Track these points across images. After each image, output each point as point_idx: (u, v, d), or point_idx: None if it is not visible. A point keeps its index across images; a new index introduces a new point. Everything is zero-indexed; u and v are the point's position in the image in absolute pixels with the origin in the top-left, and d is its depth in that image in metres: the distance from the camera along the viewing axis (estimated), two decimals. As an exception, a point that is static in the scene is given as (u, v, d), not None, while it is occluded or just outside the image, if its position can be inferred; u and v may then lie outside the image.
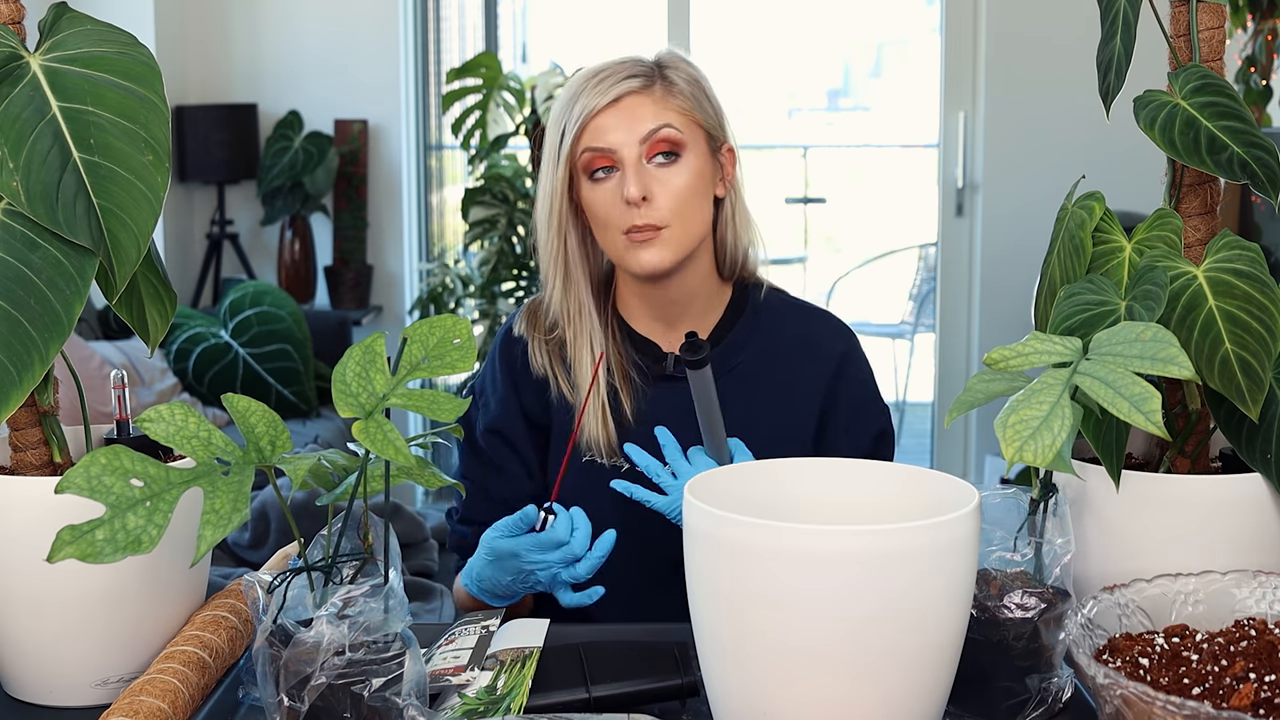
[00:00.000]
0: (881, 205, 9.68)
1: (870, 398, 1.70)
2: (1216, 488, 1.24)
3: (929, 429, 5.50)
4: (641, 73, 1.60)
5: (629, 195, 1.55)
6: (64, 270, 1.17)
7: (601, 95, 1.59)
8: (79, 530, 0.99)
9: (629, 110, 1.59)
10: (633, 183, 1.56)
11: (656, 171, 1.58)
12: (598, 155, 1.59)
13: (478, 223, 4.30)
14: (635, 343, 1.68)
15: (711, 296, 1.69)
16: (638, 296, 1.67)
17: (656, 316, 1.68)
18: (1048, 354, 1.12)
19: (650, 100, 1.59)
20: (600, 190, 1.59)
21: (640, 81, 1.60)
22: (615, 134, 1.58)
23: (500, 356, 1.72)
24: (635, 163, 1.57)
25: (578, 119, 1.59)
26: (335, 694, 1.08)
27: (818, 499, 1.23)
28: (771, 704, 1.06)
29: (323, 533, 1.15)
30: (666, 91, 1.60)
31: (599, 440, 1.64)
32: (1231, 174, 1.23)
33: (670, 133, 1.58)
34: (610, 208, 1.58)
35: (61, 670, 1.27)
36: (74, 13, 1.25)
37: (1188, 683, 1.03)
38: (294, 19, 4.85)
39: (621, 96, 1.59)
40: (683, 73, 1.62)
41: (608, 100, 1.58)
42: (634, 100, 1.59)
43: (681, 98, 1.60)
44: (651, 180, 1.57)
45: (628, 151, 1.57)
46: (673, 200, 1.58)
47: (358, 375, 1.10)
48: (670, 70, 1.62)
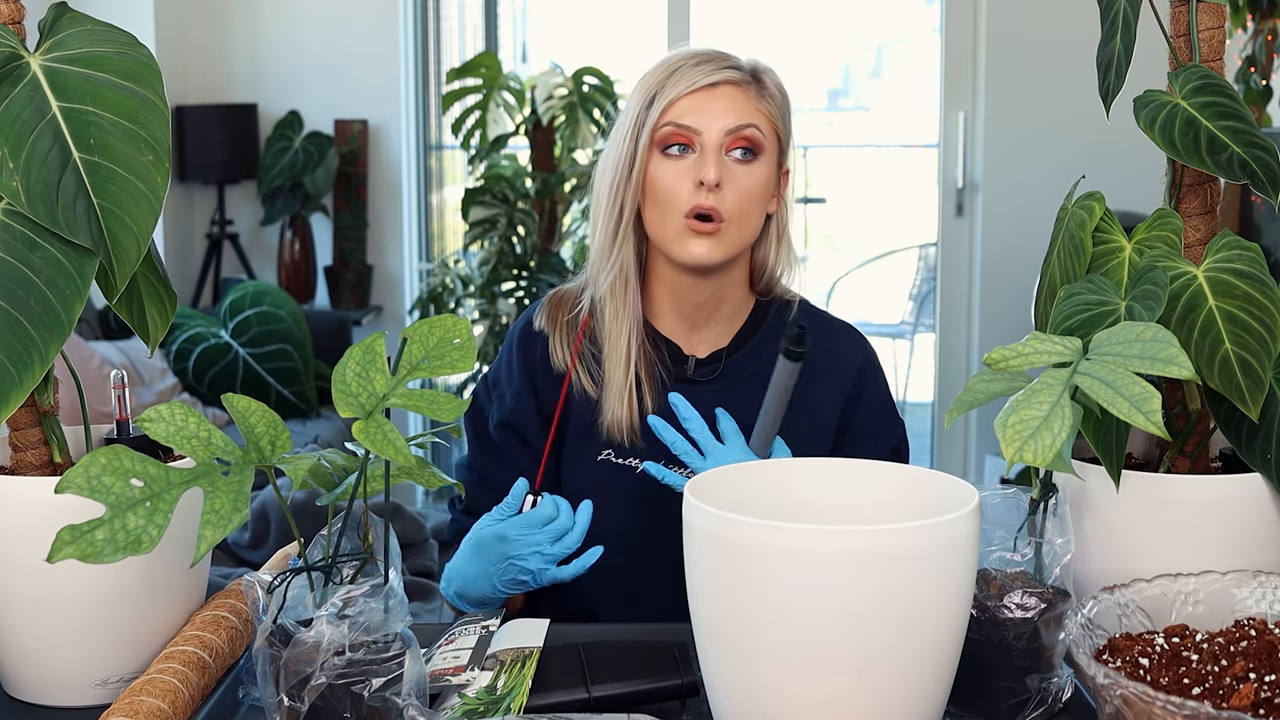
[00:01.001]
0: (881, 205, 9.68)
1: (887, 411, 1.72)
2: (1216, 488, 1.24)
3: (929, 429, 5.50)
4: (740, 68, 1.62)
5: (707, 177, 1.56)
6: (64, 270, 1.17)
7: (703, 76, 1.60)
8: (79, 530, 0.99)
9: (724, 98, 1.60)
10: (711, 166, 1.56)
11: (732, 165, 1.59)
12: (679, 131, 1.59)
13: (478, 223, 4.30)
14: (658, 342, 1.68)
15: (739, 305, 1.70)
16: (669, 294, 1.67)
17: (682, 317, 1.68)
18: (1048, 354, 1.12)
19: (746, 96, 1.61)
20: (671, 167, 1.59)
21: (739, 75, 1.61)
22: (704, 116, 1.59)
23: (518, 349, 1.71)
24: (715, 150, 1.58)
25: (671, 92, 1.60)
26: (335, 694, 1.08)
27: (818, 499, 1.23)
28: (771, 704, 1.06)
29: (323, 533, 1.15)
30: (760, 94, 1.62)
31: (623, 421, 1.63)
32: (1231, 174, 1.23)
33: (755, 133, 1.60)
34: (677, 186, 1.58)
35: (61, 670, 1.27)
36: (74, 13, 1.25)
37: (1188, 683, 1.03)
38: (294, 19, 4.85)
39: (721, 83, 1.60)
40: (775, 82, 1.65)
41: (708, 82, 1.60)
42: (732, 91, 1.60)
43: (772, 104, 1.62)
44: (726, 171, 1.58)
45: (711, 137, 1.58)
46: (740, 197, 1.59)
47: (358, 375, 1.10)
48: (766, 77, 1.64)
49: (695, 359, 1.68)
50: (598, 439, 1.66)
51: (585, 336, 1.69)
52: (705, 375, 1.67)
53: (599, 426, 1.65)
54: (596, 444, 1.66)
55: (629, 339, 1.64)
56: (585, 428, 1.67)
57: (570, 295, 1.72)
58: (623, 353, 1.64)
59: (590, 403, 1.67)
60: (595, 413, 1.66)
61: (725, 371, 1.66)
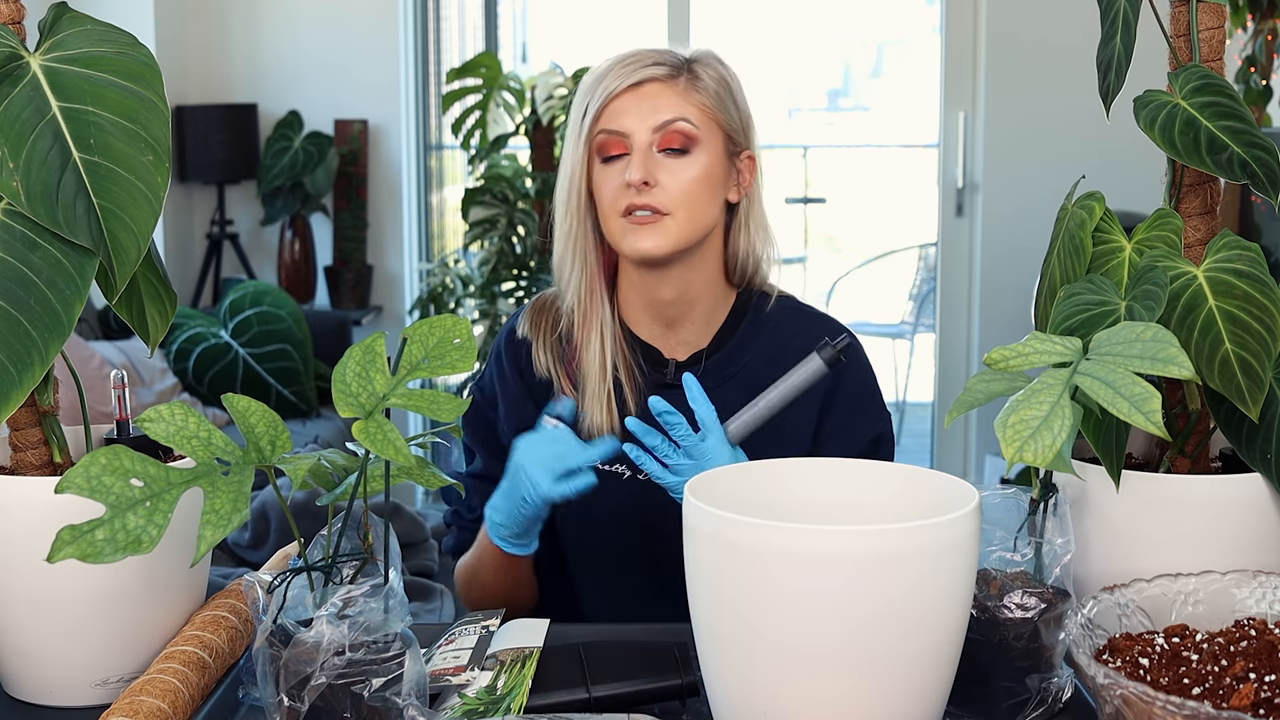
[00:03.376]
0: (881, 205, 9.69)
1: (866, 400, 1.68)
2: (1216, 488, 1.24)
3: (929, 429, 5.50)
4: (669, 62, 1.61)
5: (630, 178, 1.55)
6: (64, 270, 1.17)
7: (625, 78, 1.59)
8: (79, 530, 0.99)
9: (649, 97, 1.59)
10: (637, 167, 1.56)
11: (665, 160, 1.58)
12: (612, 138, 1.59)
13: (478, 223, 4.30)
14: (636, 347, 1.68)
15: (716, 301, 1.68)
16: (639, 295, 1.66)
17: (656, 318, 1.67)
18: (1048, 354, 1.12)
19: (672, 91, 1.59)
20: (608, 172, 1.59)
21: (666, 70, 1.60)
22: (630, 117, 1.58)
23: (506, 357, 1.71)
24: (645, 149, 1.57)
25: (599, 98, 1.60)
26: (335, 694, 1.08)
27: (818, 499, 1.23)
28: (771, 704, 1.06)
29: (323, 533, 1.15)
30: (690, 86, 1.60)
31: (603, 426, 1.63)
32: (1231, 174, 1.23)
33: (684, 126, 1.58)
34: (613, 189, 1.58)
35: (61, 670, 1.27)
36: (74, 13, 1.25)
37: (1188, 683, 1.03)
38: (294, 19, 4.85)
39: (644, 82, 1.59)
40: (713, 71, 1.62)
41: (630, 83, 1.59)
42: (655, 88, 1.59)
43: (704, 94, 1.60)
44: (659, 168, 1.57)
45: (640, 137, 1.58)
46: (678, 189, 1.57)
47: (358, 375, 1.10)
48: (699, 67, 1.62)
49: (675, 362, 1.67)
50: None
51: (564, 343, 1.68)
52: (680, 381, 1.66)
53: (581, 432, 1.65)
54: None
55: (602, 343, 1.64)
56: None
57: (551, 302, 1.71)
58: (596, 357, 1.64)
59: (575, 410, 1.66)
60: (577, 419, 1.66)
61: (705, 374, 1.63)
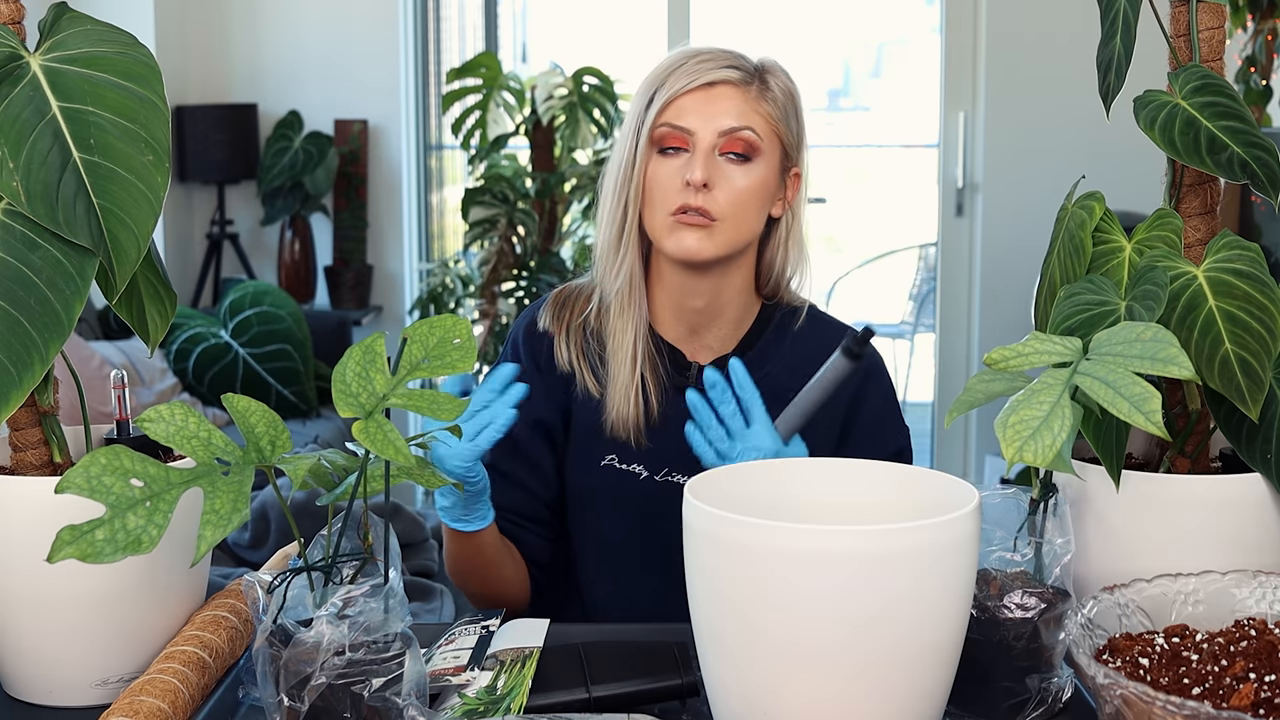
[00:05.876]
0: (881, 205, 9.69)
1: (889, 416, 1.69)
2: (1216, 488, 1.24)
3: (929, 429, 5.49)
4: (743, 67, 1.60)
5: (691, 177, 1.55)
6: (64, 270, 1.17)
7: (698, 75, 1.58)
8: (79, 530, 0.99)
9: (719, 99, 1.58)
10: (699, 167, 1.55)
11: (725, 165, 1.58)
12: (674, 133, 1.58)
13: (478, 223, 4.30)
14: (661, 349, 1.67)
15: (744, 310, 1.68)
16: (669, 297, 1.66)
17: (683, 321, 1.67)
18: (1048, 354, 1.12)
19: (743, 97, 1.59)
20: (664, 166, 1.59)
21: (739, 75, 1.59)
22: (697, 117, 1.58)
23: (524, 350, 1.69)
24: (707, 151, 1.57)
25: (669, 91, 1.59)
26: (335, 694, 1.08)
27: (818, 499, 1.23)
28: (771, 704, 1.06)
29: (323, 533, 1.15)
30: (761, 95, 1.60)
31: (628, 420, 1.62)
32: (1231, 174, 1.23)
33: (750, 135, 1.58)
34: (667, 184, 1.58)
35: (61, 670, 1.27)
36: (74, 13, 1.25)
37: (1188, 683, 1.03)
38: (294, 19, 4.85)
39: (716, 83, 1.59)
40: (781, 83, 1.62)
41: (703, 81, 1.58)
42: (727, 90, 1.59)
43: (773, 105, 1.60)
44: (717, 172, 1.57)
45: (704, 138, 1.57)
46: (733, 196, 1.57)
47: (358, 375, 1.10)
48: (770, 76, 1.62)
49: (698, 365, 1.67)
50: (601, 443, 1.65)
51: (589, 336, 1.67)
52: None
53: (601, 428, 1.64)
54: (600, 448, 1.65)
55: (634, 338, 1.63)
56: (589, 431, 1.66)
57: (576, 294, 1.70)
58: (629, 351, 1.63)
59: (594, 404, 1.66)
60: (598, 414, 1.65)
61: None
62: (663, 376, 1.65)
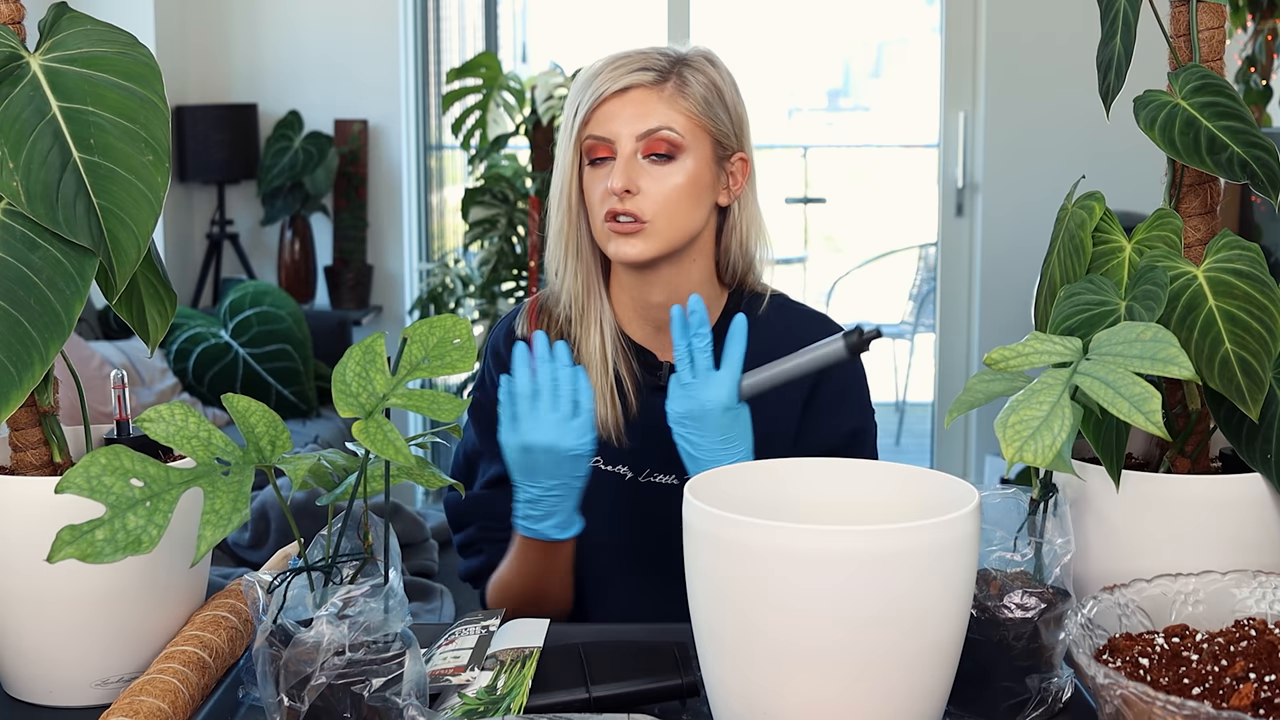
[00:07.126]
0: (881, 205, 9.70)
1: (848, 394, 1.66)
2: (1216, 488, 1.24)
3: (929, 429, 5.50)
4: (657, 66, 1.59)
5: (612, 185, 1.55)
6: (64, 270, 1.17)
7: (611, 82, 1.58)
8: (79, 530, 0.99)
9: (632, 103, 1.58)
10: (618, 175, 1.55)
11: (649, 168, 1.57)
12: (598, 143, 1.58)
13: (478, 223, 4.30)
14: (630, 350, 1.67)
15: (708, 302, 1.66)
16: (630, 298, 1.66)
17: (647, 319, 1.66)
18: (1048, 354, 1.12)
19: (657, 97, 1.58)
20: (596, 175, 1.59)
21: (653, 76, 1.58)
22: (616, 122, 1.57)
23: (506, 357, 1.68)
24: (628, 156, 1.57)
25: (588, 102, 1.59)
26: (335, 694, 1.08)
27: (818, 499, 1.23)
28: (771, 704, 1.06)
29: (323, 533, 1.15)
30: (677, 91, 1.58)
31: (607, 420, 1.62)
32: (1231, 174, 1.23)
33: (669, 134, 1.57)
34: (596, 193, 1.58)
35: (61, 670, 1.27)
36: (74, 13, 1.25)
37: (1188, 683, 1.03)
38: (294, 19, 4.85)
39: (630, 87, 1.58)
40: (702, 76, 1.60)
41: (616, 88, 1.58)
42: (641, 94, 1.58)
43: (691, 100, 1.58)
44: (641, 175, 1.56)
45: (625, 144, 1.57)
46: (660, 197, 1.56)
47: (358, 375, 1.10)
48: (689, 71, 1.60)
49: (669, 365, 1.66)
50: None
51: (569, 341, 1.66)
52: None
53: None
54: None
55: (602, 339, 1.64)
56: None
57: (553, 301, 1.69)
58: (597, 350, 1.63)
59: None
60: None
61: None
62: (637, 376, 1.65)
